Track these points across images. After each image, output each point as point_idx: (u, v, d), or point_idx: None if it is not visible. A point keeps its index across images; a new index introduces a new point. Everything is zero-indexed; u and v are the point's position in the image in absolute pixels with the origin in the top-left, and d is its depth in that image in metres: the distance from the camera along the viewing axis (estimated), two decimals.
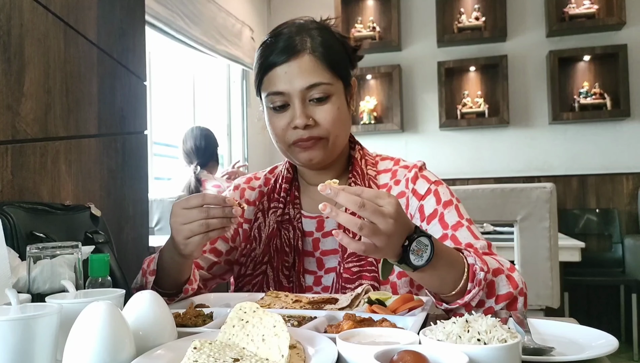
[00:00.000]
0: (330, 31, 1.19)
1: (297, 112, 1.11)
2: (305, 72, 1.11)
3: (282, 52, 1.12)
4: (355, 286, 1.11)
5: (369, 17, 4.66)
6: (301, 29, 1.15)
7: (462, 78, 4.56)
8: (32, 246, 0.83)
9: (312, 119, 1.12)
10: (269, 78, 1.14)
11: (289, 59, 1.11)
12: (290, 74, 1.11)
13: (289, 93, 1.11)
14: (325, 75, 1.12)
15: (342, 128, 1.16)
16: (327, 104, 1.13)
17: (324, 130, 1.13)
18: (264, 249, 1.21)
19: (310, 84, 1.11)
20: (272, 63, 1.12)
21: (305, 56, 1.11)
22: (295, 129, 1.12)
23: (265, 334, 0.65)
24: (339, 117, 1.14)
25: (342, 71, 1.16)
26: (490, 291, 0.96)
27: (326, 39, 1.15)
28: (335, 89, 1.14)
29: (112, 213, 1.46)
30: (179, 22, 3.22)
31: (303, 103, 1.12)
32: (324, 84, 1.11)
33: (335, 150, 1.18)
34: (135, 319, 0.71)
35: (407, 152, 4.58)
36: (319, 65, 1.11)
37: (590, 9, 4.20)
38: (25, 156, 1.18)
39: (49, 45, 1.25)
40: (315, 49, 1.12)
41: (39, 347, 0.62)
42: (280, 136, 1.16)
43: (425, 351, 0.61)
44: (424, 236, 0.85)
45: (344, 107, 1.17)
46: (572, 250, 2.75)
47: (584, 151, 4.32)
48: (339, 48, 1.17)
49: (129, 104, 1.57)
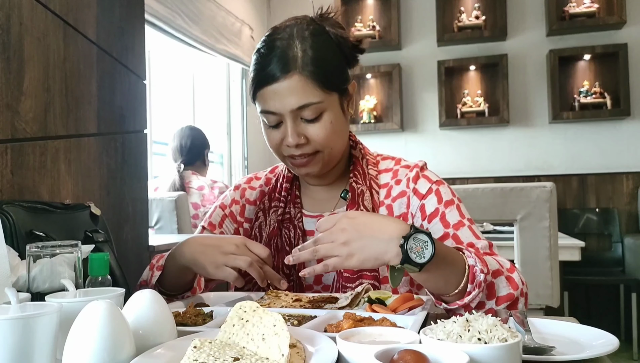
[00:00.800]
0: (326, 36, 1.14)
1: (288, 131, 1.11)
2: (294, 92, 1.08)
3: (273, 69, 1.09)
4: (355, 285, 1.11)
5: (368, 16, 4.65)
6: (293, 37, 1.11)
7: (462, 77, 4.56)
8: (31, 245, 0.83)
9: (304, 137, 1.11)
10: (262, 95, 1.12)
11: (278, 78, 1.08)
12: (281, 94, 1.09)
13: (280, 113, 1.10)
14: (316, 93, 1.09)
15: (337, 140, 1.15)
16: (319, 121, 1.11)
17: (317, 146, 1.12)
18: None
19: (300, 105, 1.09)
20: (264, 81, 1.11)
21: (295, 76, 1.08)
22: (289, 148, 1.12)
23: (265, 333, 0.65)
24: (332, 131, 1.12)
25: (335, 82, 1.13)
26: (490, 293, 0.96)
27: (318, 52, 1.10)
28: (328, 104, 1.11)
29: (111, 212, 1.46)
30: (179, 21, 3.21)
31: (295, 122, 1.11)
32: (314, 104, 1.09)
33: (332, 160, 1.17)
34: (135, 318, 0.71)
35: (407, 151, 4.57)
36: (308, 84, 1.08)
37: (590, 7, 4.20)
38: (25, 155, 1.17)
39: (48, 44, 1.24)
40: (304, 67, 1.08)
41: (39, 346, 0.62)
42: (275, 149, 1.17)
43: (425, 350, 0.61)
44: (421, 233, 0.86)
45: (339, 118, 1.14)
46: (572, 249, 2.75)
47: (584, 150, 4.32)
48: (333, 58, 1.13)
49: (128, 103, 1.57)
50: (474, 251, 0.97)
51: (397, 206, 1.18)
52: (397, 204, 1.19)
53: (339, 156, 1.19)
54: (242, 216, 1.28)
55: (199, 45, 3.54)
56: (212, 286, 1.28)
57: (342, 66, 1.16)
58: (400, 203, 1.18)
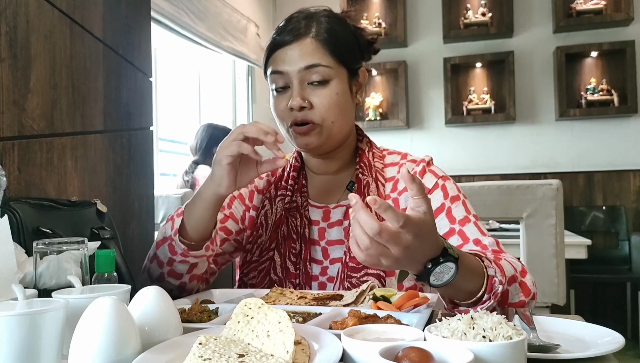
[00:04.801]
0: (343, 21, 1.20)
1: (294, 93, 1.13)
2: (305, 53, 1.13)
3: (287, 34, 1.15)
4: (361, 275, 1.11)
5: (374, 13, 4.64)
6: (312, 15, 1.17)
7: (468, 74, 4.55)
8: (38, 242, 0.83)
9: (308, 101, 1.13)
10: (273, 58, 1.17)
11: (292, 41, 1.14)
12: (292, 55, 1.14)
13: (288, 74, 1.14)
14: (325, 58, 1.13)
15: (340, 115, 1.16)
16: (325, 88, 1.13)
17: (318, 114, 1.13)
18: (271, 235, 1.21)
19: (308, 65, 1.12)
20: (277, 44, 1.16)
21: (308, 39, 1.14)
22: (292, 111, 1.13)
23: (270, 330, 0.65)
24: (336, 103, 1.14)
25: (346, 57, 1.17)
26: (503, 300, 0.93)
27: (333, 27, 1.16)
28: (336, 74, 1.14)
29: (118, 208, 1.46)
30: (185, 18, 3.22)
31: (301, 85, 1.13)
32: (322, 66, 1.12)
33: (333, 137, 1.17)
34: (140, 314, 0.71)
35: (413, 148, 4.57)
36: (320, 48, 1.13)
37: (597, 4, 4.17)
38: (32, 152, 1.18)
39: (54, 41, 1.25)
40: (318, 34, 1.14)
41: (46, 342, 0.62)
42: (280, 118, 1.18)
43: (430, 348, 0.61)
44: (450, 261, 0.80)
45: (345, 94, 1.16)
46: (579, 247, 2.74)
47: (591, 147, 4.29)
48: (347, 37, 1.18)
49: (134, 101, 1.57)
50: (493, 262, 0.92)
51: (403, 200, 1.18)
52: (403, 197, 1.19)
53: (339, 136, 1.19)
54: (251, 202, 1.29)
55: (204, 42, 3.54)
56: (221, 265, 1.28)
57: (355, 48, 1.20)
58: (406, 196, 1.18)
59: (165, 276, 1.14)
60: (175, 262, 1.11)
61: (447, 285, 0.83)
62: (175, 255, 1.10)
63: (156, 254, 1.13)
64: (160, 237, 1.12)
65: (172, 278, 1.14)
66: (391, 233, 0.74)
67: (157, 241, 1.14)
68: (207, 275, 1.25)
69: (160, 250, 1.12)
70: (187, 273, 1.13)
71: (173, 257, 1.10)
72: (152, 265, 1.15)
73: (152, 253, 1.15)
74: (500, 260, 0.96)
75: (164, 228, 1.12)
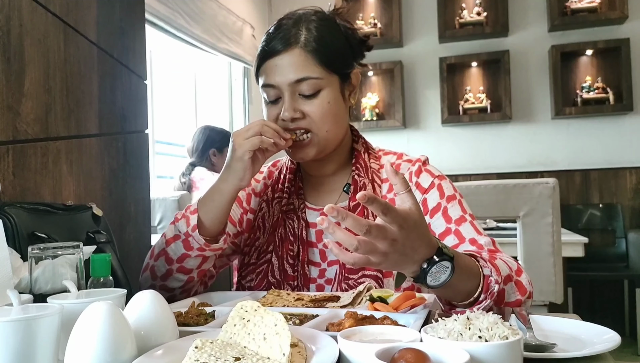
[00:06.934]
0: (334, 23, 1.18)
1: (285, 105, 1.12)
2: (294, 66, 1.11)
3: (277, 42, 1.13)
4: (358, 276, 1.11)
5: (370, 13, 4.65)
6: (300, 20, 1.15)
7: (464, 74, 4.55)
8: (33, 247, 0.83)
9: (300, 111, 1.13)
10: (264, 69, 1.16)
11: (281, 51, 1.12)
12: (281, 67, 1.12)
13: (279, 86, 1.13)
14: (315, 69, 1.11)
15: (333, 122, 1.15)
16: (316, 98, 1.13)
17: (311, 124, 1.13)
18: (269, 238, 1.22)
19: (298, 78, 1.11)
20: (267, 54, 1.14)
21: (297, 50, 1.12)
22: (284, 122, 1.13)
23: (266, 333, 0.65)
24: (329, 112, 1.13)
25: (337, 64, 1.15)
26: (499, 300, 0.94)
27: (323, 33, 1.14)
28: (327, 83, 1.13)
29: (113, 212, 1.46)
30: (180, 21, 3.21)
31: (292, 96, 1.13)
32: (313, 78, 1.11)
33: (328, 145, 1.17)
34: (136, 319, 0.71)
35: (409, 148, 4.57)
36: (309, 59, 1.11)
37: (592, 3, 4.19)
38: (27, 157, 1.18)
39: (48, 45, 1.25)
40: (307, 44, 1.12)
41: (41, 348, 0.62)
42: None
43: (426, 348, 0.61)
44: (445, 260, 0.81)
45: (338, 101, 1.16)
46: (576, 246, 2.74)
47: (587, 145, 4.30)
48: (337, 41, 1.16)
49: (129, 104, 1.57)
50: (488, 262, 0.93)
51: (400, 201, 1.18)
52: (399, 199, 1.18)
53: (335, 142, 1.19)
54: (248, 205, 1.30)
55: (200, 44, 3.54)
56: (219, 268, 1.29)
57: (347, 52, 1.18)
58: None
59: (174, 272, 1.14)
60: (189, 258, 1.12)
61: (444, 286, 0.83)
62: (191, 250, 1.11)
63: (165, 251, 1.13)
64: (171, 235, 1.13)
65: (180, 274, 1.14)
66: (376, 227, 0.74)
67: (167, 239, 1.14)
68: (206, 279, 1.25)
69: (170, 248, 1.13)
70: (196, 269, 1.14)
71: (188, 253, 1.11)
72: (157, 262, 1.15)
73: (159, 250, 1.15)
74: (495, 260, 0.96)
75: (175, 226, 1.13)
